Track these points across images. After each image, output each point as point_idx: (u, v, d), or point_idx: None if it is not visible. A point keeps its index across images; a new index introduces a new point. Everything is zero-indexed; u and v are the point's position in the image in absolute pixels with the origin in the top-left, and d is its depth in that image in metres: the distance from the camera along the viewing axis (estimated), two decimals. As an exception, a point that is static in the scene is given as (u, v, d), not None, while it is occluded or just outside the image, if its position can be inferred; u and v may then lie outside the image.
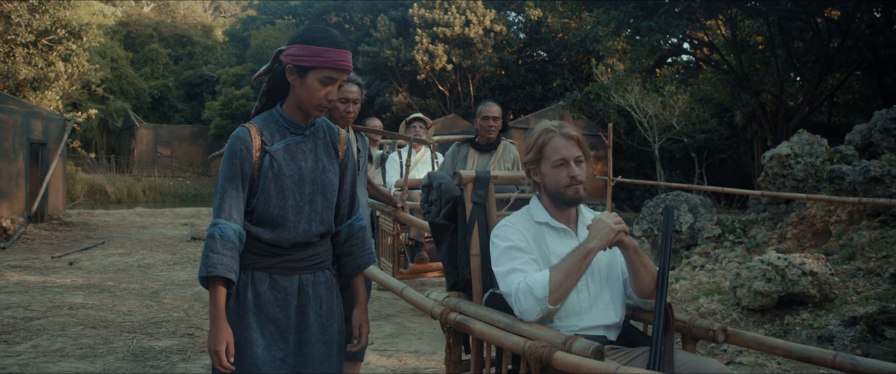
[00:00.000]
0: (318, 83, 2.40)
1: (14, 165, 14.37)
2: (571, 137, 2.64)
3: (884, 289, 5.74)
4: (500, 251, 2.60)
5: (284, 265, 2.48)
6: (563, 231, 2.69)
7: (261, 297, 2.44)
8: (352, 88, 4.08)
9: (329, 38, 2.41)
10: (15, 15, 19.20)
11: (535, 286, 2.39)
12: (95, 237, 13.81)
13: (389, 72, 31.11)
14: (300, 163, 2.48)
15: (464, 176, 2.84)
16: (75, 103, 28.22)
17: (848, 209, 7.08)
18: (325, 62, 2.37)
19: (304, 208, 2.48)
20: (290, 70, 2.41)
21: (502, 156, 5.81)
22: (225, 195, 2.38)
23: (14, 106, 15.16)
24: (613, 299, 2.64)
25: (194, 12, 53.89)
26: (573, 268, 2.40)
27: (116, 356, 5.30)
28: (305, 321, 2.50)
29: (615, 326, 2.63)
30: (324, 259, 2.60)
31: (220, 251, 2.32)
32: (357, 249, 2.72)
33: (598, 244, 2.43)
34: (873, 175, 6.89)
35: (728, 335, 2.49)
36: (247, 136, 2.42)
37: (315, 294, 2.54)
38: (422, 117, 7.31)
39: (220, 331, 2.32)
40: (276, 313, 2.45)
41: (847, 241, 6.79)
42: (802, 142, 7.80)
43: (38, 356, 5.23)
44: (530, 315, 2.40)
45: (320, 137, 2.58)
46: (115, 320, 6.52)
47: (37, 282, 8.51)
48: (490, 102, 5.82)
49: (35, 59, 20.54)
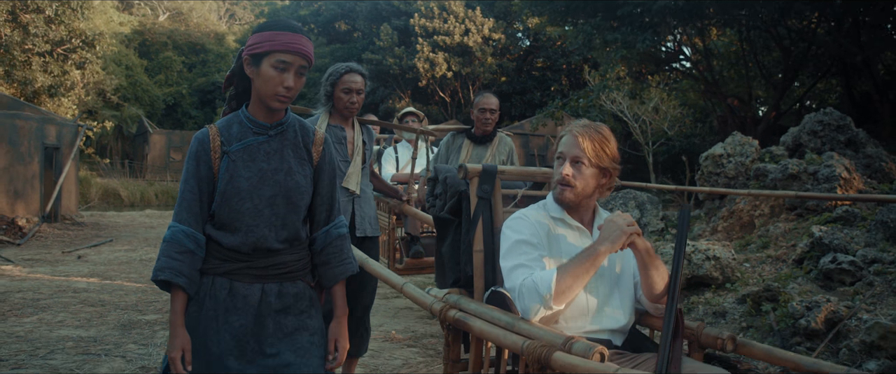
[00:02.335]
0: (273, 70, 2.32)
1: (29, 168, 15.33)
2: (578, 136, 2.55)
3: (783, 273, 6.52)
4: (509, 244, 2.54)
5: (245, 272, 2.40)
6: (578, 230, 2.62)
7: (219, 303, 2.36)
8: (356, 78, 4.10)
9: (281, 22, 2.36)
10: (32, 26, 20.28)
11: (540, 285, 2.33)
12: (105, 236, 14.72)
13: (392, 79, 32.02)
14: (261, 164, 2.39)
15: (470, 169, 2.80)
16: (91, 110, 29.32)
17: (770, 204, 7.85)
18: (276, 46, 2.30)
19: (264, 212, 2.38)
20: (247, 62, 2.38)
21: (498, 148, 5.66)
22: (181, 198, 2.37)
23: (29, 112, 16.13)
24: (622, 303, 2.58)
25: (208, 21, 55.01)
26: (581, 270, 2.34)
27: (108, 326, 6.19)
28: (264, 332, 2.40)
29: (622, 330, 2.58)
30: (293, 269, 2.48)
31: (170, 255, 2.30)
32: (334, 258, 2.56)
33: (608, 247, 2.35)
34: (791, 173, 7.66)
35: (737, 344, 2.47)
36: (205, 137, 2.38)
37: (279, 305, 2.42)
38: (414, 111, 7.32)
39: (175, 338, 2.30)
40: (233, 320, 2.36)
41: (765, 232, 7.56)
42: (735, 143, 8.59)
43: (42, 326, 6.12)
44: (532, 314, 2.35)
45: (289, 137, 2.47)
46: (111, 300, 7.40)
47: (47, 272, 9.40)
48: (488, 94, 5.60)
49: (51, 67, 21.61)
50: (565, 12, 15.89)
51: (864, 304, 5.58)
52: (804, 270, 6.41)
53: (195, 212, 2.35)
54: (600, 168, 2.55)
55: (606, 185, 2.62)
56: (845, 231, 6.83)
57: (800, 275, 6.35)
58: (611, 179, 2.61)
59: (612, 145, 2.59)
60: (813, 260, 6.44)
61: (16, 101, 17.18)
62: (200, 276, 2.38)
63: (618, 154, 2.61)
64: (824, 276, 6.14)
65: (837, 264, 6.07)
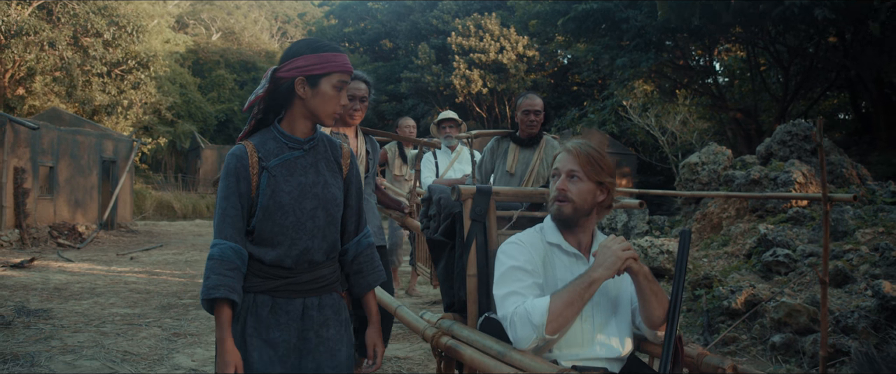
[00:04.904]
0: (332, 89, 2.38)
1: (89, 180, 16.84)
2: (572, 151, 2.54)
3: (733, 265, 7.42)
4: (503, 270, 2.48)
5: (288, 288, 2.40)
6: (574, 256, 2.55)
7: (261, 321, 2.36)
8: (360, 85, 4.06)
9: (332, 45, 2.41)
10: (92, 49, 21.93)
11: (533, 313, 2.27)
12: (156, 242, 16.09)
13: (431, 96, 33.16)
14: (300, 178, 2.40)
15: (463, 191, 2.75)
16: (146, 127, 31.13)
17: (736, 206, 8.73)
18: (336, 67, 2.37)
19: (306, 225, 2.40)
20: (300, 82, 2.37)
21: (545, 151, 5.31)
22: (223, 215, 2.34)
23: (89, 129, 17.65)
24: (619, 330, 2.50)
25: (259, 40, 56.90)
26: (575, 297, 2.26)
27: (150, 306, 7.41)
28: (307, 346, 2.41)
29: (619, 359, 2.49)
30: (330, 281, 2.50)
31: (221, 272, 2.27)
32: (366, 266, 2.61)
33: (603, 273, 2.28)
34: (753, 178, 8.55)
35: (737, 372, 2.36)
36: (243, 153, 2.38)
37: (320, 318, 2.45)
38: (452, 117, 7.12)
39: (226, 354, 2.26)
40: (275, 337, 2.36)
41: (727, 231, 8.45)
42: (709, 152, 9.50)
43: (96, 306, 7.36)
44: (525, 344, 2.28)
45: (321, 151, 2.50)
46: (155, 289, 8.62)
47: (102, 269, 10.68)
48: (532, 95, 5.28)
49: (109, 87, 23.27)
50: (578, 33, 16.88)
51: (789, 289, 6.48)
52: (750, 263, 7.32)
53: (239, 228, 2.34)
54: (597, 183, 2.52)
55: (604, 202, 2.57)
56: (795, 230, 7.70)
57: (744, 267, 7.26)
58: (608, 197, 2.57)
59: (608, 161, 2.56)
60: (758, 254, 7.33)
61: (77, 118, 18.78)
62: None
63: (614, 170, 2.58)
64: (765, 267, 7.03)
65: (775, 257, 6.96)
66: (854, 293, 6.25)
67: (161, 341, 5.87)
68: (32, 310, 6.91)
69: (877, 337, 5.48)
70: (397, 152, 7.64)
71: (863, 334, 5.47)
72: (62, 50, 21.00)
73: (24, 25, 19.54)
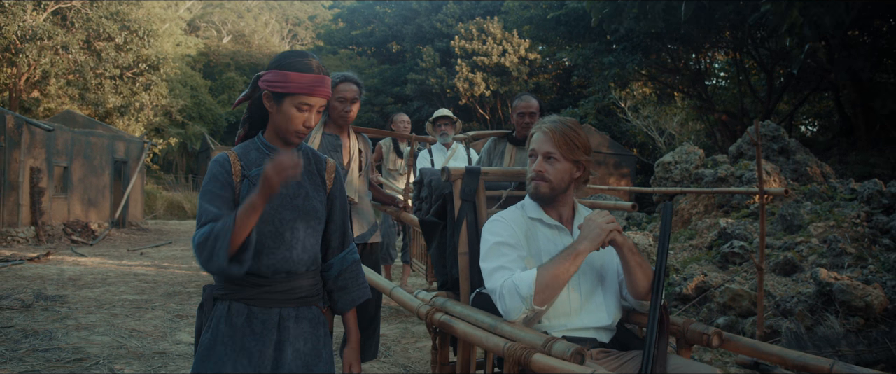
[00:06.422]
0: (295, 110, 2.31)
1: (101, 179, 17.54)
2: (548, 132, 2.57)
3: (694, 256, 8.00)
4: (488, 247, 2.53)
5: (264, 297, 2.36)
6: (556, 228, 2.62)
7: (236, 329, 2.32)
8: (350, 87, 4.07)
9: (304, 63, 2.31)
10: (104, 53, 22.64)
11: (520, 285, 2.32)
12: (165, 239, 16.74)
13: (435, 97, 33.74)
14: (280, 189, 2.28)
15: (452, 172, 2.81)
16: (158, 128, 31.87)
17: (704, 203, 9.30)
18: (299, 88, 2.28)
19: (285, 235, 2.37)
20: (267, 96, 2.34)
21: None
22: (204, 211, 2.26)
23: (102, 130, 18.35)
24: (607, 301, 2.56)
25: (269, 42, 57.48)
26: (561, 269, 2.31)
27: (157, 293, 8.08)
28: (282, 358, 2.36)
29: (607, 328, 2.55)
30: (309, 294, 2.46)
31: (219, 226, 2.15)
32: (350, 283, 2.59)
33: (588, 245, 2.33)
34: (720, 176, 9.12)
35: (723, 340, 2.44)
36: (226, 161, 2.35)
37: (297, 330, 2.41)
38: (447, 114, 7.21)
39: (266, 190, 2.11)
40: (250, 346, 2.32)
41: (694, 226, 9.02)
42: (682, 151, 10.07)
43: (107, 293, 8.02)
44: (514, 315, 2.34)
45: (303, 164, 2.35)
46: (162, 280, 9.28)
47: (114, 263, 11.34)
48: (527, 96, 5.33)
49: (121, 89, 23.97)
50: (568, 38, 17.49)
51: (740, 277, 7.06)
52: (710, 254, 7.89)
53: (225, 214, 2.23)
54: (573, 161, 2.57)
55: (581, 178, 2.64)
56: (755, 224, 8.27)
57: (705, 258, 7.84)
58: (585, 172, 2.63)
59: (583, 138, 2.59)
60: (718, 246, 7.91)
61: (90, 120, 19.53)
62: (214, 302, 2.38)
63: (589, 146, 2.62)
64: (722, 258, 7.60)
65: (732, 248, 7.54)
66: (800, 281, 6.82)
67: (165, 321, 6.52)
68: (49, 296, 7.57)
69: (811, 319, 6.04)
70: (392, 147, 7.88)
71: (799, 316, 6.04)
72: (76, 54, 21.68)
73: (38, 30, 20.23)
